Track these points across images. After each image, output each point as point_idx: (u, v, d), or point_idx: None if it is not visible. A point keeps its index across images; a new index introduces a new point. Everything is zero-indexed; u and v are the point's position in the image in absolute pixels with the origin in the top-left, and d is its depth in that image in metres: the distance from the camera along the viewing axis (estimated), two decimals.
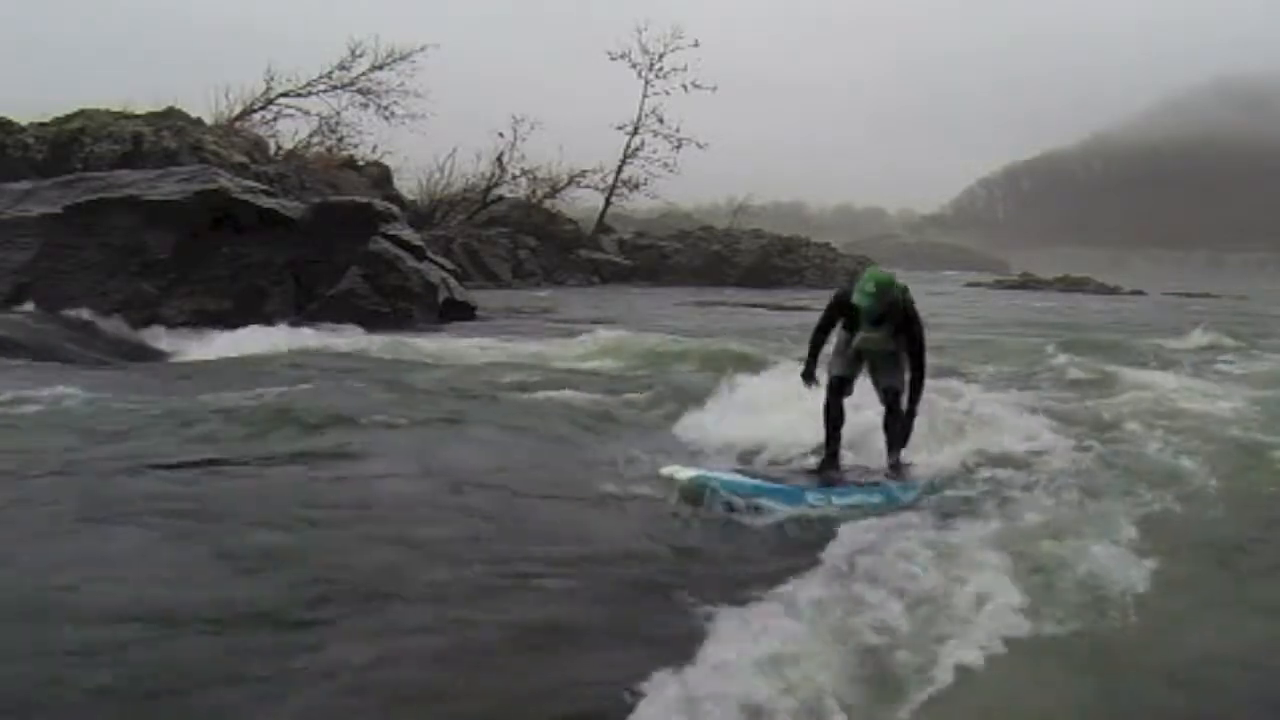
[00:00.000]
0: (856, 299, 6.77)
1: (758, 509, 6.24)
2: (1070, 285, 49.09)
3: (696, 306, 26.64)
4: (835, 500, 6.53)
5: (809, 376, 7.13)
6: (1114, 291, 47.63)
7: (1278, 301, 40.77)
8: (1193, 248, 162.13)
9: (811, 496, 6.53)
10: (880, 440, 7.29)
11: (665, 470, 6.64)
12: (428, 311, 18.83)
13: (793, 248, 43.30)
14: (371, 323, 16.93)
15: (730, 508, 6.18)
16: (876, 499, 6.64)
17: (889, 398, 7.12)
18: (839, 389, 7.13)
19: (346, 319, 16.88)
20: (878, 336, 6.90)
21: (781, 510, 6.27)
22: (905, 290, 6.97)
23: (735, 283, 38.28)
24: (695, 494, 6.27)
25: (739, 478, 6.56)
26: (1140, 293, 47.43)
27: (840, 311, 7.05)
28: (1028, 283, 52.37)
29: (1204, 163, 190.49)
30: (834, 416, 7.15)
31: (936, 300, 30.26)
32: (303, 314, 17.33)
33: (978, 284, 54.83)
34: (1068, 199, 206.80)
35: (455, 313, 19.54)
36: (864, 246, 76.61)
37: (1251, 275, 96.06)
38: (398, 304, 18.41)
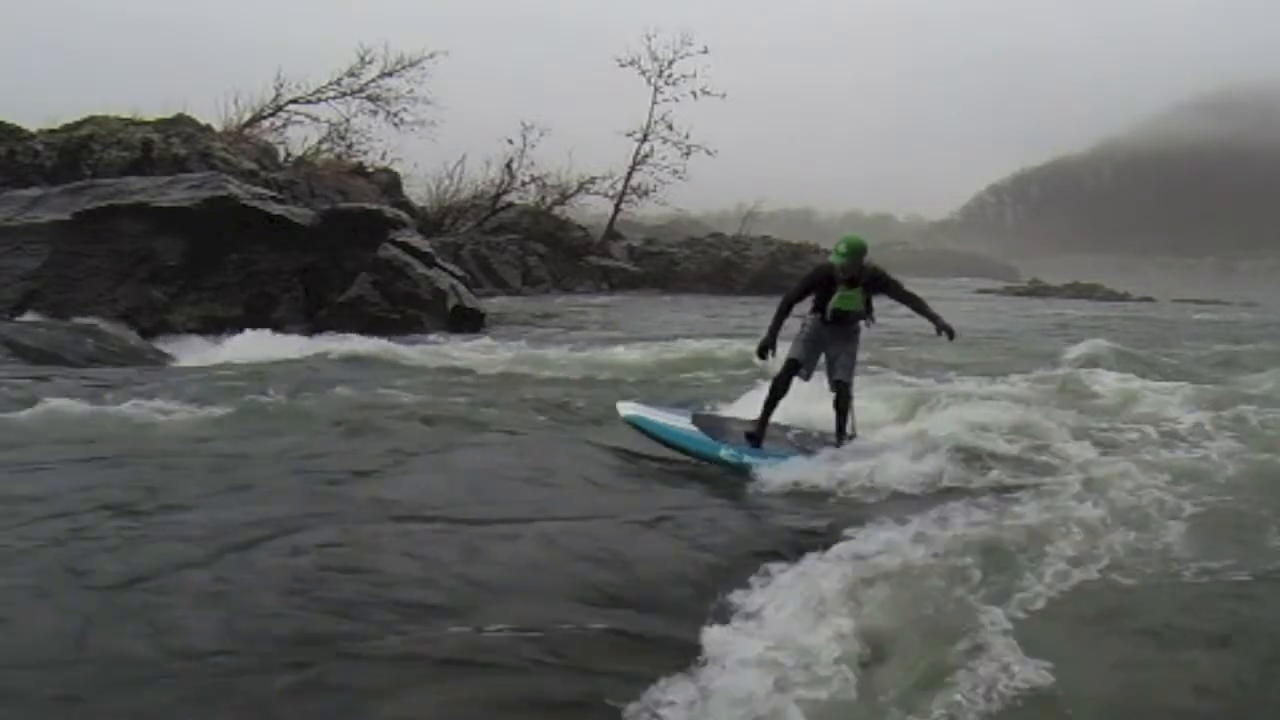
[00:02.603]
0: (833, 258, 7.68)
1: (682, 450, 7.63)
2: (1079, 292, 48.96)
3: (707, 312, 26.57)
4: (747, 458, 7.49)
5: (768, 347, 7.70)
6: (1123, 298, 47.44)
7: None
8: (1202, 254, 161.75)
9: (725, 451, 7.56)
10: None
11: (619, 405, 8.05)
12: (437, 319, 18.77)
13: (802, 254, 43.02)
14: (381, 329, 16.87)
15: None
16: (786, 461, 7.41)
17: (840, 389, 7.83)
18: (792, 369, 7.77)
19: (356, 326, 16.84)
20: (853, 295, 7.70)
21: (697, 456, 7.60)
22: (877, 267, 7.95)
23: (744, 290, 38.13)
24: (634, 427, 7.78)
25: (667, 422, 7.84)
26: (1149, 299, 47.25)
27: (817, 281, 7.83)
28: (1037, 290, 52.27)
29: (1213, 169, 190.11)
30: (778, 392, 7.77)
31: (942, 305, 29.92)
32: (312, 321, 17.31)
33: (988, 291, 54.75)
34: (1077, 205, 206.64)
35: (465, 320, 19.47)
36: (873, 253, 75.16)
37: (1262, 282, 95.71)
38: (407, 311, 18.37)
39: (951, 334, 7.68)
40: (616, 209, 42.45)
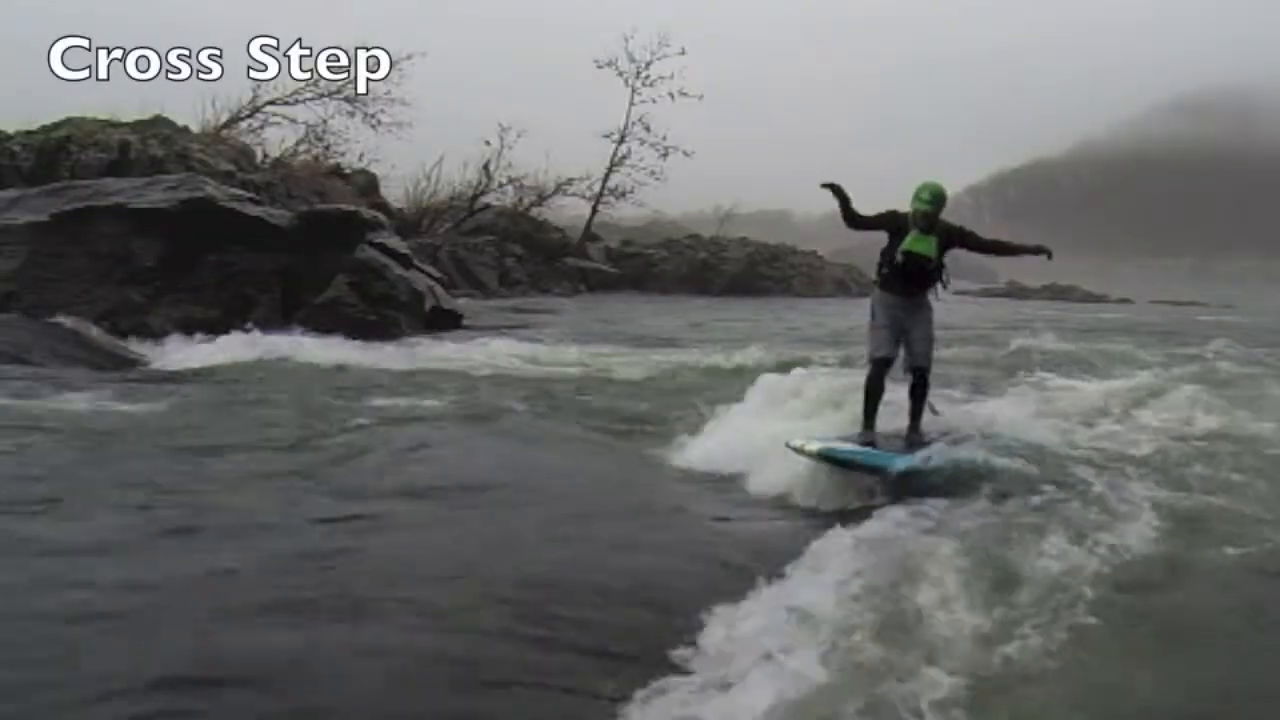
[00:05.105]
0: (914, 204, 7.25)
1: (873, 471, 6.87)
2: (1057, 294, 49.05)
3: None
4: (914, 463, 6.89)
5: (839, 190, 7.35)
6: (1101, 300, 47.60)
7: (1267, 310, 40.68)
8: (1179, 256, 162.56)
9: (900, 462, 6.88)
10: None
11: (794, 443, 7.13)
12: (414, 320, 18.83)
13: (779, 256, 43.32)
14: (358, 331, 16.89)
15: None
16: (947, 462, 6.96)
17: (917, 376, 7.57)
18: (883, 367, 7.48)
19: (333, 327, 16.83)
20: (928, 240, 7.29)
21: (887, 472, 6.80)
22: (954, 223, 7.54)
23: (721, 291, 38.25)
24: (826, 460, 6.95)
25: (853, 448, 7.11)
26: (1127, 301, 47.41)
27: (888, 222, 7.49)
28: (1014, 291, 52.34)
29: (1190, 170, 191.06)
30: (875, 391, 7.50)
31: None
32: (290, 322, 17.32)
33: (964, 293, 54.72)
34: (1054, 207, 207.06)
35: (442, 321, 19.56)
36: (850, 254, 75.76)
37: (1237, 284, 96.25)
38: (384, 312, 18.40)
39: (1049, 254, 7.74)
40: (594, 210, 42.48)
